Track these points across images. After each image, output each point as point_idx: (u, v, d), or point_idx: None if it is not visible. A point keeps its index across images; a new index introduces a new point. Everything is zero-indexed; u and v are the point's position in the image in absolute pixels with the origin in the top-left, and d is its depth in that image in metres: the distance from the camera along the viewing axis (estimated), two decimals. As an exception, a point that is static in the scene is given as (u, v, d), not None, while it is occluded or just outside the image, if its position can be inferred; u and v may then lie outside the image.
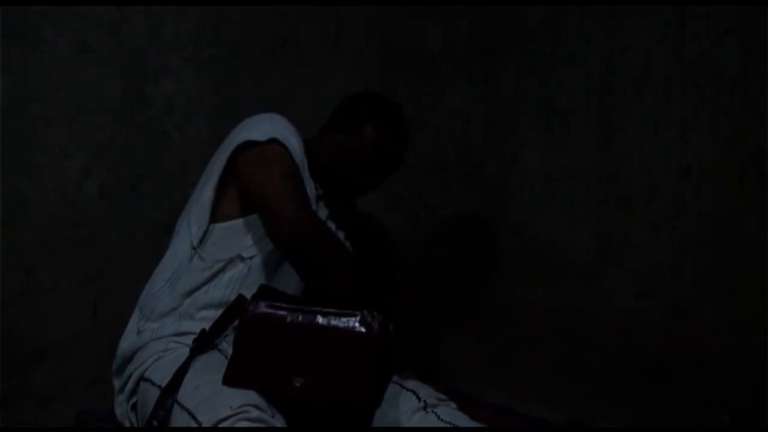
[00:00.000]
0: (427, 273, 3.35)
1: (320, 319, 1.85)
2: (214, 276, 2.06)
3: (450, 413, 1.90)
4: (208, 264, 2.07)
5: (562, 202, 3.17)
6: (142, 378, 1.99)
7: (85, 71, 2.65)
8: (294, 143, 2.12)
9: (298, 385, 1.77)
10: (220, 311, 1.99)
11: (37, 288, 2.59)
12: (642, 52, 2.91)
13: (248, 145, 2.09)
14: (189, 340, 1.96)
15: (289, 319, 1.84)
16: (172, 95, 2.79)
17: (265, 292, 1.91)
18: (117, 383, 2.09)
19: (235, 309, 1.94)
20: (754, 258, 2.59)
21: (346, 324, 1.84)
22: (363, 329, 1.83)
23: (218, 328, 1.96)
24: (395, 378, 1.98)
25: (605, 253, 3.02)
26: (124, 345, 2.09)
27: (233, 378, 1.78)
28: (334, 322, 1.84)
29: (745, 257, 2.62)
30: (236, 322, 1.93)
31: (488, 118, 3.44)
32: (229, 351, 1.90)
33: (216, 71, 2.87)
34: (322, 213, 2.21)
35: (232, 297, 2.00)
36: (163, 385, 1.86)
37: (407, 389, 1.96)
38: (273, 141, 2.10)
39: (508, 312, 3.31)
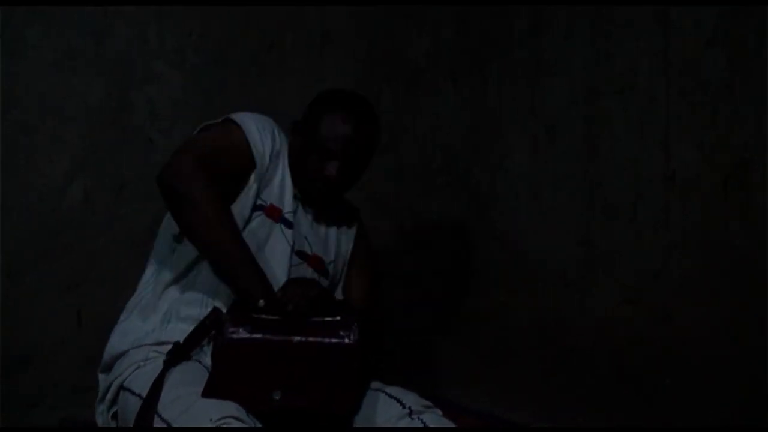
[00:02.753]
0: (411, 279, 3.35)
1: (299, 330, 1.84)
2: (194, 265, 2.04)
3: (436, 420, 1.88)
4: (186, 255, 2.04)
5: (547, 209, 3.18)
6: (121, 387, 1.97)
7: (70, 77, 2.64)
8: (258, 133, 2.07)
9: (276, 398, 1.77)
10: (204, 309, 1.98)
11: (20, 293, 2.57)
12: (627, 60, 2.92)
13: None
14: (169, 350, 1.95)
15: (267, 338, 1.84)
16: (157, 101, 2.78)
17: (239, 307, 1.90)
18: (101, 381, 2.07)
19: (210, 323, 1.93)
20: (738, 266, 2.61)
21: (324, 332, 1.84)
22: (341, 338, 1.84)
23: (192, 341, 1.95)
24: (377, 385, 1.97)
25: (589, 260, 3.03)
26: (108, 346, 2.08)
27: (211, 394, 1.77)
28: (312, 332, 1.84)
29: (728, 265, 2.64)
30: (212, 333, 1.93)
31: (473, 126, 3.45)
32: (208, 361, 1.90)
33: (201, 77, 2.87)
34: (304, 218, 2.17)
35: (215, 294, 2.00)
36: (143, 394, 1.85)
37: (390, 396, 1.94)
38: (227, 120, 2.09)
39: (492, 318, 3.31)
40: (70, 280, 2.66)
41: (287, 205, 2.12)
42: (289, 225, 2.11)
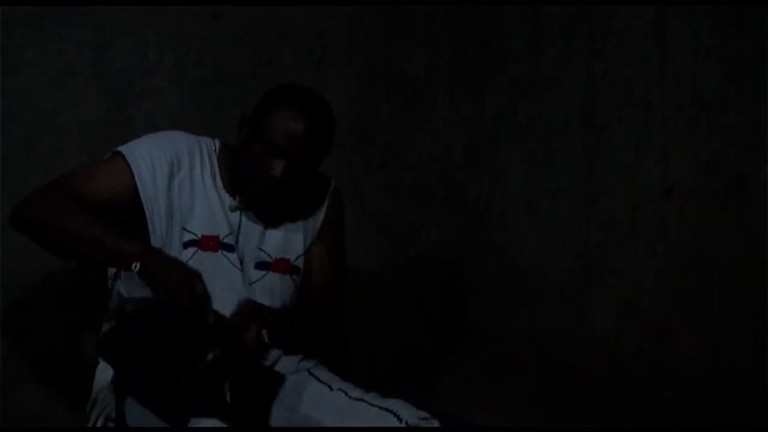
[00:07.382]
0: (409, 295, 3.34)
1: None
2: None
3: None
4: (133, 291, 1.97)
5: (545, 224, 3.18)
6: (108, 419, 1.95)
7: (68, 93, 2.64)
8: (149, 162, 1.98)
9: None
10: None
11: (17, 308, 2.56)
12: (623, 75, 2.93)
13: None
14: None
15: None
16: (156, 117, 2.78)
17: None
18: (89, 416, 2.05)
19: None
20: (737, 280, 2.61)
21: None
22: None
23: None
24: (372, 399, 1.95)
25: (587, 275, 3.03)
26: (94, 382, 2.07)
27: None
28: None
29: (727, 279, 2.64)
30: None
31: (471, 141, 3.45)
32: None
33: (199, 93, 2.87)
34: (254, 228, 2.07)
35: None
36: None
37: (386, 410, 1.92)
38: (114, 154, 2.02)
39: (490, 334, 3.31)
40: (66, 296, 2.66)
41: (222, 227, 2.02)
42: (230, 249, 2.02)
